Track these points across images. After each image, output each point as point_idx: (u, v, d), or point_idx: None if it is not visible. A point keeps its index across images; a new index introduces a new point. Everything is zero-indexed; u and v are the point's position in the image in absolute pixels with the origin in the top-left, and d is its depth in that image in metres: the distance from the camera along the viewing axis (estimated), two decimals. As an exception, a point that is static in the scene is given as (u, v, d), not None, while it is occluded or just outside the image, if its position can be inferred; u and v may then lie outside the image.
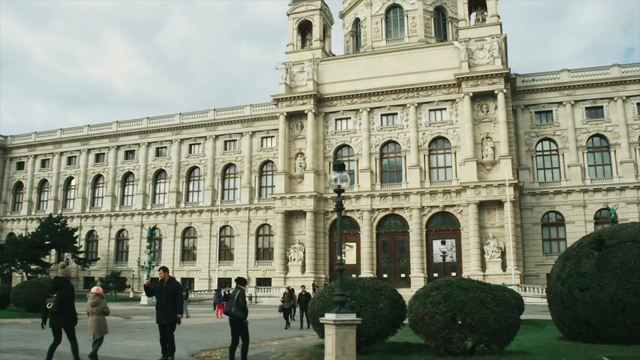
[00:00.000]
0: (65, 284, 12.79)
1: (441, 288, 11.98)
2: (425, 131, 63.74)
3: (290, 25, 71.44)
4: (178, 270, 73.41)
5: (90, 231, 79.83)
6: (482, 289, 11.93)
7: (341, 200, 13.20)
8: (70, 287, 12.84)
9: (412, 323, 12.11)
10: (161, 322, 13.83)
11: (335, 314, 11.31)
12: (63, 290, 12.62)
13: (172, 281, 14.13)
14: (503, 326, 11.48)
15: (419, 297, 12.29)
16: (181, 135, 77.11)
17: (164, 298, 13.75)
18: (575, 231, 59.94)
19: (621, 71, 62.19)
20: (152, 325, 25.64)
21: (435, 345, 11.71)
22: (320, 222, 65.07)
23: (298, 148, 67.57)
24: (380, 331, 12.65)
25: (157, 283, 14.11)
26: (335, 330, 11.01)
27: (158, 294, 13.93)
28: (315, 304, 13.20)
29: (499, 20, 63.30)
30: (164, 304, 13.71)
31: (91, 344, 13.68)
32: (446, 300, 11.55)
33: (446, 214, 61.89)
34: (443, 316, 11.39)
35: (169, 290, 13.83)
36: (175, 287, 13.95)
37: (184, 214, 74.70)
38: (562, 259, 16.49)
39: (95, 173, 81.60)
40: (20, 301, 32.71)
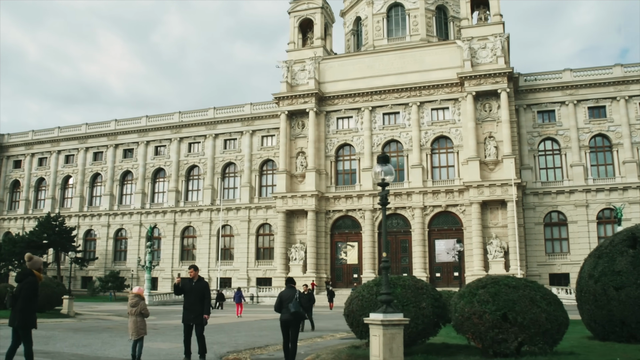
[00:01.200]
0: (26, 276, 10.93)
1: (488, 286, 11.56)
2: (427, 130, 63.42)
3: (291, 23, 70.99)
4: (177, 270, 72.78)
5: (88, 230, 79.13)
6: (530, 286, 11.54)
7: (386, 194, 12.69)
8: (30, 282, 10.82)
9: (458, 323, 11.67)
10: (189, 322, 13.46)
11: (383, 314, 10.82)
12: (20, 284, 10.83)
13: (202, 281, 13.89)
14: (554, 325, 11.09)
15: (464, 296, 11.85)
16: (180, 133, 76.51)
17: (192, 298, 13.43)
18: (578, 231, 59.89)
19: (624, 71, 62.06)
20: (164, 326, 25.21)
21: (483, 345, 11.29)
22: (322, 222, 64.63)
23: (299, 147, 67.11)
24: (423, 331, 12.22)
25: (187, 282, 13.70)
26: (382, 331, 10.55)
27: (187, 293, 13.56)
28: (354, 303, 12.73)
29: (502, 19, 63.06)
30: (192, 303, 13.39)
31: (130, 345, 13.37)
32: (495, 299, 11.13)
33: (449, 213, 61.59)
34: (492, 315, 10.97)
35: (198, 289, 13.56)
36: (204, 287, 13.75)
37: (183, 213, 74.10)
38: (593, 257, 16.15)
39: (93, 172, 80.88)
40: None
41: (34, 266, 11.14)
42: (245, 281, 68.34)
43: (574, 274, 58.61)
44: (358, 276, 62.75)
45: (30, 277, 10.87)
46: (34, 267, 11.13)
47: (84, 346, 16.06)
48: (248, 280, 68.70)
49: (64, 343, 16.65)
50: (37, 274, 11.09)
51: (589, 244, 59.23)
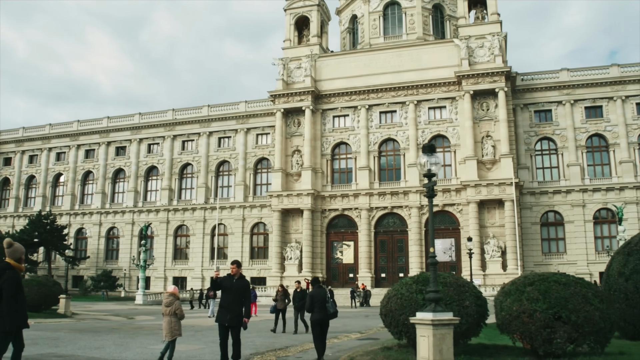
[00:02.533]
0: (2, 270, 8.67)
1: (536, 283, 11.07)
2: (424, 129, 63.08)
3: (287, 20, 70.40)
4: (170, 269, 72.11)
5: (80, 229, 78.04)
6: (581, 284, 11.07)
7: (432, 186, 12.20)
8: (10, 278, 8.59)
9: (505, 322, 11.15)
10: (224, 322, 12.11)
11: (432, 313, 10.26)
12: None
13: (243, 279, 12.51)
14: (607, 324, 10.63)
15: (510, 294, 11.35)
16: (174, 131, 75.65)
17: (232, 296, 12.08)
18: (575, 231, 59.82)
19: (620, 71, 62.08)
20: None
21: (533, 346, 10.79)
22: (318, 221, 64.09)
23: (295, 145, 66.53)
24: (467, 332, 11.69)
25: (227, 278, 12.41)
26: (432, 331, 9.99)
27: (226, 290, 12.21)
28: (392, 302, 12.15)
29: (499, 19, 62.83)
30: (231, 302, 12.07)
31: (163, 346, 12.74)
32: (546, 297, 10.64)
33: (446, 212, 61.26)
34: (544, 314, 10.48)
35: (239, 288, 12.19)
36: (246, 285, 12.38)
37: (177, 212, 73.26)
38: (622, 254, 15.72)
39: (84, 169, 79.77)
40: None
41: (13, 255, 8.98)
42: (240, 280, 67.47)
43: (570, 274, 58.70)
44: (354, 276, 62.31)
45: (8, 271, 8.63)
46: (13, 256, 8.97)
47: (97, 348, 15.37)
48: (242, 279, 67.86)
49: (74, 345, 15.95)
50: (16, 265, 8.88)
51: (586, 244, 59.35)
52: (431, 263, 11.59)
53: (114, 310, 42.24)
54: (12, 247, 9.02)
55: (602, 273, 53.86)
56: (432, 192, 12.14)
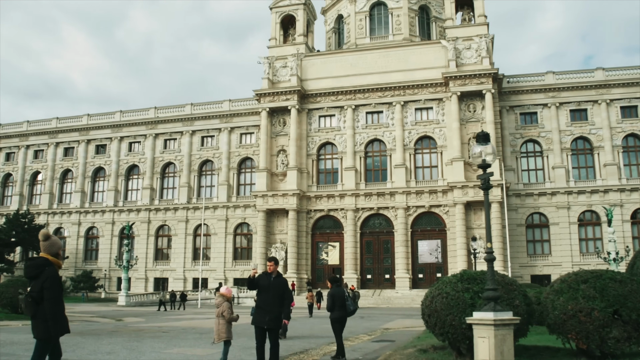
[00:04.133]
0: (41, 268, 7.66)
1: (590, 281, 10.58)
2: (411, 130, 62.84)
3: (273, 19, 69.68)
4: (151, 270, 70.86)
5: (58, 228, 76.21)
6: (637, 281, 10.62)
7: (488, 177, 11.66)
8: (51, 276, 7.62)
9: (558, 322, 10.62)
10: (263, 324, 11.13)
11: (493, 313, 9.72)
12: (37, 281, 7.59)
13: (281, 277, 11.61)
14: (667, 323, 10.21)
15: (562, 292, 10.84)
16: (156, 129, 74.39)
17: (270, 296, 11.11)
18: (560, 232, 60.08)
19: (605, 75, 62.55)
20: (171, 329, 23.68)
21: (589, 346, 10.31)
22: (303, 221, 63.44)
23: (280, 145, 65.81)
24: (517, 332, 11.16)
25: (264, 277, 11.41)
26: (493, 332, 9.44)
27: (263, 290, 11.25)
28: (436, 302, 11.55)
29: (486, 21, 62.92)
30: (269, 303, 11.07)
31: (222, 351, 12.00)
32: (603, 295, 10.17)
33: (432, 214, 61.07)
34: (603, 312, 10.00)
35: (277, 287, 11.22)
36: (284, 284, 11.45)
37: (158, 212, 72.01)
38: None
39: (63, 168, 78.04)
40: (5, 302, 30.19)
41: (50, 249, 7.85)
42: (223, 282, 66.65)
43: (555, 276, 58.76)
44: (340, 277, 61.63)
45: (48, 268, 7.63)
46: (50, 251, 7.84)
47: (109, 353, 14.51)
48: (225, 280, 67.05)
49: (82, 350, 15.05)
50: (55, 260, 7.85)
51: (570, 246, 59.65)
52: (488, 259, 11.08)
53: (98, 311, 41.11)
54: (49, 240, 7.92)
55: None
56: (488, 184, 11.60)
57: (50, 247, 7.88)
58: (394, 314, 38.45)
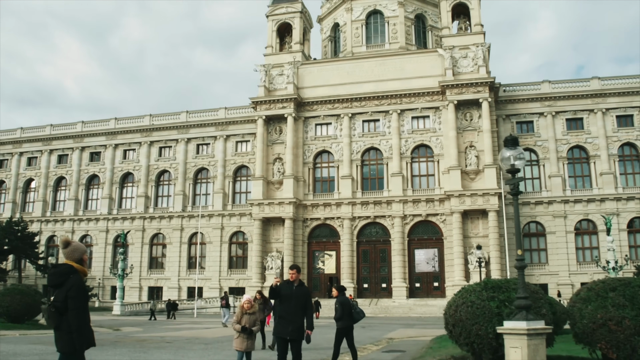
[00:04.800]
0: (65, 276, 7.07)
1: (619, 289, 10.35)
2: (407, 138, 62.76)
3: (269, 27, 69.57)
4: (145, 279, 70.23)
5: (51, 236, 75.52)
6: None
7: (517, 183, 11.43)
8: (76, 284, 7.01)
9: (587, 331, 10.35)
10: (285, 335, 10.80)
11: (526, 322, 9.47)
12: (62, 289, 6.99)
13: (304, 286, 11.30)
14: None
15: (590, 300, 10.58)
16: (151, 137, 73.93)
17: (292, 305, 10.80)
18: (556, 242, 60.03)
19: (601, 84, 62.74)
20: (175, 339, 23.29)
21: (618, 356, 10.06)
22: (299, 230, 63.11)
23: (276, 153, 65.54)
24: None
25: (285, 285, 11.12)
26: (526, 342, 9.20)
27: (285, 299, 10.93)
28: (461, 311, 11.27)
29: (483, 30, 63.06)
30: (291, 312, 10.77)
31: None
32: (634, 303, 9.93)
33: (429, 222, 60.92)
34: (634, 321, 9.78)
35: (300, 296, 10.94)
36: (307, 293, 11.18)
37: (153, 220, 71.45)
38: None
39: (57, 175, 77.35)
40: (2, 310, 29.62)
41: (72, 256, 7.22)
42: (217, 291, 66.19)
43: (552, 285, 58.94)
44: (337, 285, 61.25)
45: (73, 276, 7.04)
46: (72, 257, 7.22)
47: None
48: (220, 289, 66.47)
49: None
50: (80, 267, 7.23)
51: (567, 255, 59.61)
52: (519, 266, 10.84)
53: (94, 320, 40.26)
54: (70, 246, 7.29)
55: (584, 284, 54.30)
56: (517, 189, 11.38)
57: (72, 253, 7.26)
58: (394, 324, 38.15)
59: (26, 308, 29.56)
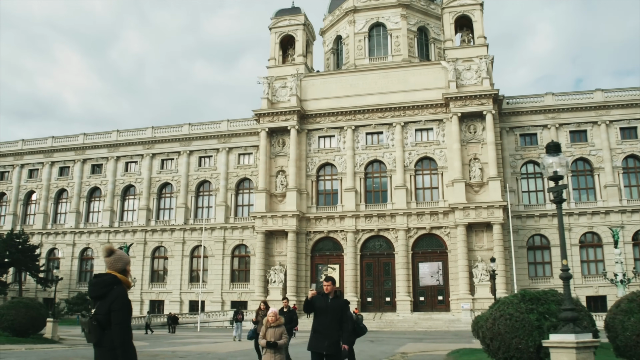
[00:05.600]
0: (108, 286, 6.54)
1: None
2: (411, 151, 62.55)
3: (272, 39, 69.58)
4: (147, 292, 69.65)
5: (52, 249, 74.97)
6: None
7: (561, 191, 11.12)
8: (119, 294, 6.49)
9: (630, 343, 10.05)
10: (321, 350, 10.32)
11: (574, 334, 9.14)
12: (104, 302, 6.47)
13: (340, 298, 10.82)
14: None
15: (632, 312, 10.27)
16: (153, 149, 73.64)
17: (328, 319, 10.31)
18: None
19: (604, 96, 62.70)
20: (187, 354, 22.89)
21: None
22: (302, 243, 62.71)
23: (279, 165, 65.27)
24: None
25: (320, 298, 10.62)
26: (575, 356, 8.86)
27: (320, 312, 10.44)
28: (499, 324, 10.92)
29: (486, 42, 63.09)
30: (326, 327, 10.28)
31: None
32: None
33: (433, 235, 60.54)
34: None
35: (335, 308, 10.45)
36: (343, 305, 10.67)
37: (155, 233, 71.00)
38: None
39: (58, 187, 76.95)
40: (7, 324, 29.12)
41: (115, 266, 6.72)
42: (220, 304, 65.66)
43: None
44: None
45: (116, 287, 6.53)
46: (116, 267, 6.72)
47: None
48: (222, 303, 66.00)
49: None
50: (124, 278, 6.73)
51: (572, 268, 59.00)
52: (564, 277, 10.51)
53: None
54: (114, 255, 6.77)
55: (589, 297, 53.53)
56: (560, 197, 11.04)
57: (115, 262, 6.73)
58: (402, 338, 37.71)
59: (31, 321, 29.11)
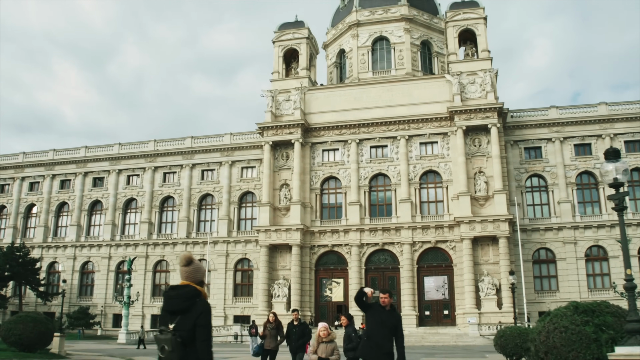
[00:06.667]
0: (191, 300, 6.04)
1: None
2: (416, 164, 62.34)
3: (276, 53, 69.55)
4: (148, 307, 68.95)
5: (52, 262, 74.25)
6: None
7: (622, 198, 10.81)
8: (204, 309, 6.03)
9: None
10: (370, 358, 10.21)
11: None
12: (187, 316, 5.95)
13: (395, 311, 10.54)
14: None
15: None
16: (155, 162, 73.25)
17: (383, 330, 10.09)
18: (567, 268, 59.32)
19: (608, 109, 62.71)
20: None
21: None
22: (307, 257, 62.22)
23: (283, 179, 64.94)
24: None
25: (377, 307, 10.30)
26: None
27: (376, 324, 10.22)
28: (554, 337, 10.55)
29: (490, 55, 63.18)
30: (381, 337, 10.06)
31: None
32: None
33: (438, 249, 60.17)
34: None
35: (393, 322, 10.17)
36: (398, 320, 10.35)
37: (157, 246, 70.43)
38: None
39: (59, 200, 76.38)
40: (14, 339, 28.40)
41: (194, 277, 6.23)
42: (222, 319, 64.97)
43: None
44: (345, 314, 60.04)
45: (199, 301, 6.04)
46: (195, 278, 6.22)
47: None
48: (225, 317, 65.34)
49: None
50: (204, 291, 6.25)
51: (578, 282, 58.86)
52: (629, 287, 10.18)
53: (103, 350, 39.51)
54: (193, 265, 6.27)
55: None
56: (622, 204, 10.74)
57: (195, 273, 6.25)
58: (413, 352, 37.13)
59: (39, 336, 28.43)
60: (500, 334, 23.46)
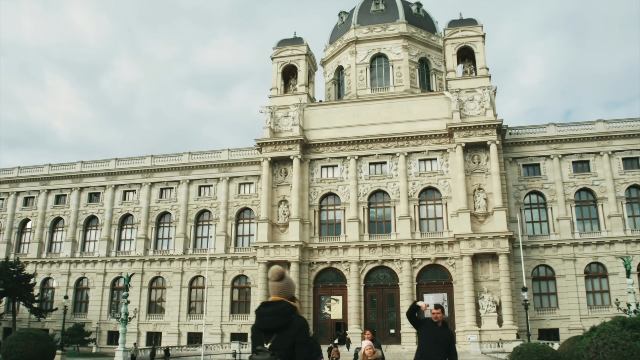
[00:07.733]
0: (288, 316, 5.94)
1: None
2: (415, 181, 62.25)
3: (275, 69, 69.53)
4: (144, 324, 68.17)
5: (46, 278, 73.33)
6: None
7: None
8: (302, 326, 5.99)
9: None
10: None
11: None
12: (284, 334, 5.87)
13: (447, 328, 10.52)
14: None
15: None
16: (152, 178, 72.75)
17: (437, 346, 10.03)
18: (566, 285, 59.19)
19: (606, 126, 62.97)
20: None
21: None
22: (305, 274, 61.78)
23: (281, 195, 64.63)
24: None
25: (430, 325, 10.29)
26: None
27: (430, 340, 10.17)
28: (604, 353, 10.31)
29: (488, 73, 63.44)
30: (436, 353, 10.01)
31: None
32: None
33: (437, 266, 59.92)
34: None
35: (446, 338, 10.28)
36: (451, 337, 10.36)
37: (153, 263, 69.76)
38: None
39: (54, 216, 75.63)
40: (16, 356, 27.94)
41: (287, 292, 6.12)
42: (219, 336, 64.30)
43: (563, 329, 57.82)
44: (343, 332, 59.67)
45: (296, 318, 5.98)
46: (287, 293, 6.11)
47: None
48: (222, 335, 64.64)
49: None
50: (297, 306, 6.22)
51: (578, 299, 58.71)
52: None
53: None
54: (285, 280, 6.17)
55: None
56: None
57: (287, 288, 6.12)
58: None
59: (41, 354, 27.99)
60: (517, 351, 23.23)
